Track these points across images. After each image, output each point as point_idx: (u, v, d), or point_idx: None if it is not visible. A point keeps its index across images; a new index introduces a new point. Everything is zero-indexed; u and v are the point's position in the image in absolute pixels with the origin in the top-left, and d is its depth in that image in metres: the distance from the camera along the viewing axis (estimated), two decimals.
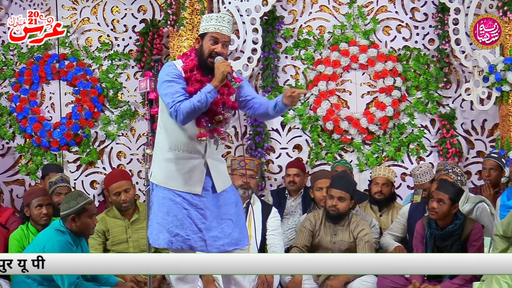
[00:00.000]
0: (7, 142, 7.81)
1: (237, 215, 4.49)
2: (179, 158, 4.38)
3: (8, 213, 6.24)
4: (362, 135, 7.26)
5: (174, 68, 4.35)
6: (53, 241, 4.88)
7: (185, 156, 4.38)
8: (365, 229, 5.67)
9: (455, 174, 5.87)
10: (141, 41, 7.46)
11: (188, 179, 4.37)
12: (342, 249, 5.67)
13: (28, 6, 7.72)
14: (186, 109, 4.20)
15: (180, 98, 4.22)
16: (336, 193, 5.64)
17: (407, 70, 7.24)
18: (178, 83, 4.28)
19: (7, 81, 7.78)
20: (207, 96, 4.20)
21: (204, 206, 4.39)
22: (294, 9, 7.45)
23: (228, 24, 4.35)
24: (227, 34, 4.34)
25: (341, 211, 5.65)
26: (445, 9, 7.02)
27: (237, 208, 4.51)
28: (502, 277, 4.93)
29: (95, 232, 5.69)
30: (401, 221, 5.98)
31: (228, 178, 4.56)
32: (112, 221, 5.78)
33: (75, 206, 4.97)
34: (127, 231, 5.76)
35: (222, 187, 4.45)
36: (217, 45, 4.31)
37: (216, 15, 4.37)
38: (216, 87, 4.22)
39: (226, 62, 4.26)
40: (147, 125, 4.59)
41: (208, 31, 4.34)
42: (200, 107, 4.20)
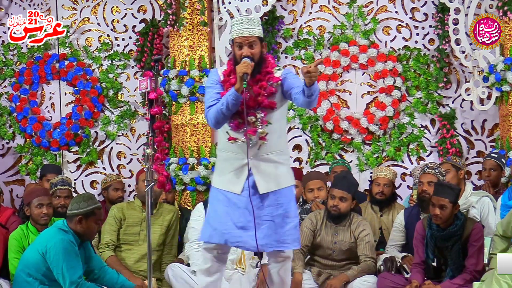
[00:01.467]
0: (7, 142, 7.80)
1: (281, 218, 4.46)
2: (226, 159, 4.54)
3: (8, 213, 6.23)
4: (362, 135, 7.25)
5: (214, 74, 4.55)
6: (55, 240, 4.90)
7: (230, 157, 4.50)
8: (366, 229, 5.67)
9: (431, 168, 5.84)
10: (141, 41, 7.46)
11: (230, 179, 4.47)
12: (343, 249, 5.67)
13: (28, 6, 7.72)
14: (212, 113, 4.39)
15: (212, 103, 4.41)
16: (338, 193, 5.64)
17: (407, 70, 7.23)
18: (214, 89, 4.47)
19: (7, 81, 7.78)
20: (228, 99, 4.31)
21: (243, 206, 4.44)
22: (294, 9, 7.45)
23: (248, 24, 4.40)
24: (248, 34, 4.40)
25: (343, 211, 5.65)
26: (445, 9, 7.02)
27: (283, 211, 4.47)
28: (502, 277, 4.92)
29: (112, 218, 5.82)
30: (400, 228, 5.96)
31: (281, 180, 4.50)
32: (131, 212, 5.88)
33: (85, 208, 4.99)
34: (142, 224, 5.81)
35: (266, 189, 4.45)
36: (243, 49, 4.40)
37: (236, 20, 4.49)
38: (237, 89, 4.29)
39: (245, 64, 4.31)
40: (147, 125, 4.57)
41: (233, 38, 4.45)
42: (224, 111, 4.34)
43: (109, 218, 5.88)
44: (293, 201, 4.56)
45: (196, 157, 7.08)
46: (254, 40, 4.40)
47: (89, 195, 5.16)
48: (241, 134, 4.41)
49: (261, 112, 4.41)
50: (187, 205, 6.99)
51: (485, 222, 5.89)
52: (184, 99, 7.09)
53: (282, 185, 4.50)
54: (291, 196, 4.56)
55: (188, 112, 7.13)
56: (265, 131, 4.40)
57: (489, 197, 6.06)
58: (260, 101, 4.39)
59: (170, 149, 7.19)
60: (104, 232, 5.83)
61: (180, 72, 7.10)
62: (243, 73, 4.27)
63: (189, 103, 7.11)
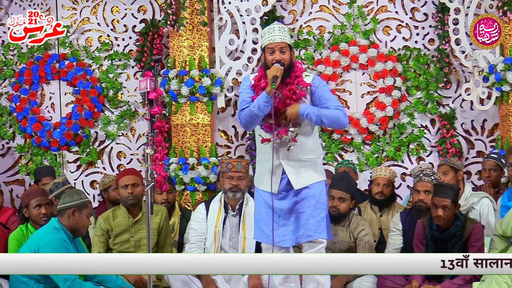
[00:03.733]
0: (7, 142, 7.81)
1: (313, 208, 4.73)
2: (261, 161, 4.85)
3: (9, 213, 6.25)
4: (362, 135, 7.26)
5: (246, 80, 4.83)
6: (47, 239, 4.89)
7: (265, 159, 4.80)
8: (365, 229, 5.68)
9: (426, 176, 5.79)
10: (141, 41, 7.46)
11: (268, 179, 4.75)
12: (343, 249, 5.67)
13: (28, 6, 7.73)
14: (245, 116, 4.68)
15: (244, 107, 4.70)
16: (336, 194, 5.64)
17: (407, 70, 7.24)
18: (247, 93, 4.76)
19: (7, 81, 7.79)
20: (259, 101, 4.59)
21: (281, 206, 4.77)
22: (294, 9, 7.45)
23: (279, 31, 4.71)
24: (280, 40, 4.69)
25: (342, 212, 5.65)
26: (445, 9, 7.02)
27: (316, 202, 4.74)
28: (502, 277, 4.93)
29: (99, 229, 5.73)
30: (397, 231, 5.93)
31: (314, 176, 4.79)
32: (117, 220, 5.77)
33: (78, 200, 5.05)
34: (130, 230, 5.76)
35: (300, 184, 4.76)
36: (274, 54, 4.68)
37: (267, 28, 4.77)
38: (269, 92, 4.57)
39: (275, 67, 4.59)
40: (147, 125, 4.57)
41: (264, 45, 4.73)
42: (256, 112, 4.61)
43: (97, 230, 5.77)
44: (324, 194, 4.84)
45: (196, 157, 7.08)
46: (284, 46, 4.69)
47: (79, 190, 5.30)
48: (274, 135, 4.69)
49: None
50: (187, 205, 6.99)
51: (485, 222, 5.88)
52: (184, 99, 7.10)
53: (311, 181, 4.78)
54: (323, 189, 4.83)
55: (188, 112, 7.14)
56: (296, 130, 4.69)
57: (488, 198, 6.04)
58: (289, 104, 4.66)
59: (170, 149, 7.19)
60: (94, 244, 5.78)
61: (180, 72, 7.10)
62: (273, 76, 4.54)
63: (189, 103, 7.11)
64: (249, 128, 4.84)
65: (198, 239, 5.70)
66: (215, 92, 7.05)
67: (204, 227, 5.72)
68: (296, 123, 4.69)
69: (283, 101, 4.65)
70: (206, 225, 5.72)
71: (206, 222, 5.73)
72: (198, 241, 5.70)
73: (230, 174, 5.66)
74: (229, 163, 5.77)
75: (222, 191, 5.74)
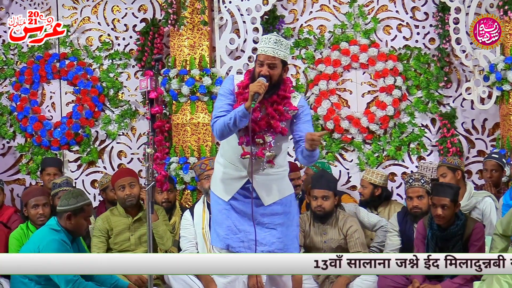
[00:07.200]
0: (7, 142, 7.80)
1: (283, 226, 4.54)
2: (226, 167, 4.56)
3: (9, 212, 6.24)
4: (363, 135, 7.25)
5: (230, 83, 4.50)
6: (47, 240, 4.86)
7: (230, 167, 4.54)
8: (353, 225, 5.68)
9: (416, 180, 5.78)
10: (142, 40, 7.46)
11: (227, 186, 4.53)
12: (333, 247, 5.67)
13: (28, 6, 7.72)
14: (219, 125, 4.35)
15: (221, 114, 4.37)
16: (319, 193, 5.64)
17: (408, 69, 7.23)
18: (227, 98, 4.43)
19: (8, 80, 7.78)
20: (236, 115, 4.27)
21: (243, 209, 4.51)
22: (294, 8, 7.45)
23: (274, 44, 4.36)
24: (272, 54, 4.35)
25: (327, 210, 5.66)
26: (445, 8, 7.02)
27: (286, 219, 4.56)
28: (503, 276, 4.92)
29: (98, 230, 5.72)
30: (395, 232, 5.92)
31: (282, 191, 4.58)
32: (116, 220, 5.77)
33: (74, 204, 4.95)
34: (130, 228, 5.76)
35: (269, 201, 4.54)
36: (262, 67, 4.35)
37: (265, 36, 4.44)
38: (247, 108, 4.25)
39: (260, 82, 4.27)
40: (147, 125, 4.57)
41: (257, 54, 4.43)
42: (231, 125, 4.30)
43: (95, 231, 5.77)
44: (296, 209, 4.65)
45: (197, 156, 7.08)
46: (275, 62, 4.36)
47: (79, 192, 5.11)
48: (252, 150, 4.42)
49: (270, 136, 4.43)
50: (188, 205, 6.98)
51: (487, 221, 5.88)
52: (184, 98, 7.10)
53: (279, 196, 4.57)
54: (294, 204, 4.65)
55: (189, 111, 7.14)
56: (273, 154, 4.45)
57: (491, 197, 6.05)
58: (274, 126, 4.40)
59: (171, 148, 7.20)
60: (93, 246, 5.77)
61: (180, 71, 7.10)
62: (254, 92, 4.24)
63: (190, 102, 7.11)
64: (222, 139, 4.48)
65: (190, 245, 5.76)
66: (215, 91, 7.05)
67: (193, 232, 5.77)
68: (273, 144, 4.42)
69: (266, 119, 4.39)
70: (194, 230, 5.77)
71: (194, 227, 5.77)
72: (190, 247, 5.77)
73: (206, 173, 5.74)
74: (202, 163, 5.89)
75: (204, 193, 5.79)
